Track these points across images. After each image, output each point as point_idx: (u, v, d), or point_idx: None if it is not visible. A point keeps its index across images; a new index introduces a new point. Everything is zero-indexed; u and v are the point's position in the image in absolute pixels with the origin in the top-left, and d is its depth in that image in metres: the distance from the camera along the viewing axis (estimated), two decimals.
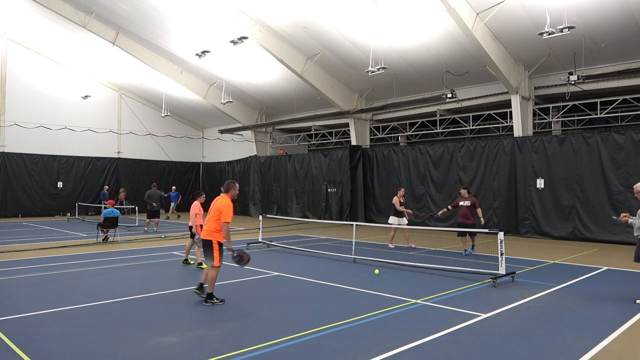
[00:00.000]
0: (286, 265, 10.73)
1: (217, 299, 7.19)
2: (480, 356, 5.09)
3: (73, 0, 19.59)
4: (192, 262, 10.85)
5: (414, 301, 7.39)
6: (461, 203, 12.61)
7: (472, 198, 12.85)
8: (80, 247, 13.61)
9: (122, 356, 5.04)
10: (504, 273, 8.74)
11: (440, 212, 13.87)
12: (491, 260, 10.58)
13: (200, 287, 7.61)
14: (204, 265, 9.35)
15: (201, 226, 9.66)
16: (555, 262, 11.45)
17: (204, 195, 10.92)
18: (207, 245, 7.35)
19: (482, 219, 12.55)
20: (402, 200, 13.76)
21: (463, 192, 12.82)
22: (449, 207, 13.44)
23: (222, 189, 7.65)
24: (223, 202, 7.28)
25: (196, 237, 10.00)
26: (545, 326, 6.15)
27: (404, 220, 13.73)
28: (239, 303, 7.32)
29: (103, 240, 14.82)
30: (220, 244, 7.28)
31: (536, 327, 6.13)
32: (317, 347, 5.36)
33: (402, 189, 14.17)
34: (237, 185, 7.64)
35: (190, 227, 10.65)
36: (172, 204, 25.56)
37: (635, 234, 7.46)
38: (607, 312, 6.87)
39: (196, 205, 10.59)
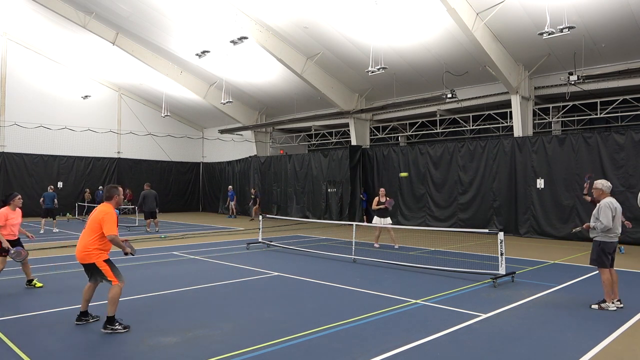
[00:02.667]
0: (286, 265, 10.73)
1: (119, 324, 5.85)
2: (480, 356, 5.09)
3: (73, 0, 19.59)
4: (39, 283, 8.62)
5: (414, 301, 7.39)
6: None
7: None
8: None
9: (122, 356, 5.04)
10: (504, 273, 8.74)
11: None
12: (491, 260, 10.59)
13: (83, 314, 6.28)
14: (38, 284, 8.26)
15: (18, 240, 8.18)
16: (555, 262, 11.45)
17: (19, 197, 8.45)
18: (90, 268, 6.09)
19: None
20: (382, 200, 13.88)
21: None
22: None
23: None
24: (103, 211, 6.03)
25: (11, 251, 8.01)
26: (545, 326, 6.14)
27: (388, 220, 13.93)
28: (239, 303, 7.31)
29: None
30: (106, 260, 6.07)
31: (536, 327, 6.13)
32: (317, 347, 5.36)
33: (382, 189, 14.33)
34: (120, 190, 6.40)
35: None
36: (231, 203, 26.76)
37: (591, 235, 7.22)
38: (607, 312, 6.86)
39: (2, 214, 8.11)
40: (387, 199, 13.99)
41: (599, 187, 7.27)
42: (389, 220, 13.98)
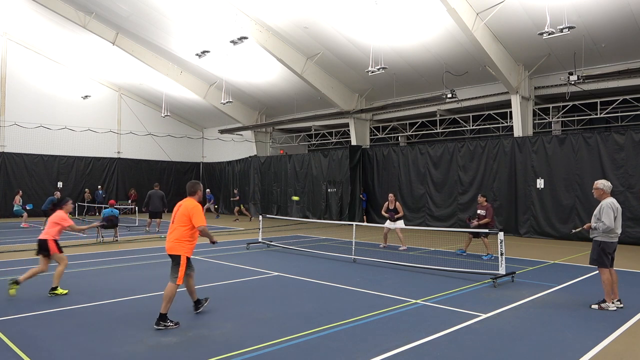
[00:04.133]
0: (286, 265, 10.73)
1: (171, 321, 6.06)
2: (480, 356, 5.09)
3: (73, 0, 19.58)
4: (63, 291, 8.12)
5: (414, 301, 7.39)
6: (479, 212, 12.15)
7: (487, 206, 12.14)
8: (80, 247, 13.61)
9: (122, 356, 5.04)
10: (504, 273, 8.74)
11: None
12: (491, 260, 10.59)
13: (197, 302, 6.78)
14: (61, 291, 7.82)
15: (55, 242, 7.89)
16: (555, 262, 11.45)
17: (71, 202, 8.60)
18: (175, 259, 6.36)
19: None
20: (390, 207, 13.73)
21: (481, 200, 12.26)
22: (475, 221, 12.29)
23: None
24: (189, 206, 6.35)
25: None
26: (545, 326, 6.14)
27: (400, 223, 13.67)
28: (239, 303, 7.31)
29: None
30: (188, 259, 6.37)
31: (536, 327, 6.13)
32: (317, 347, 5.36)
33: (391, 196, 14.15)
34: (201, 185, 6.77)
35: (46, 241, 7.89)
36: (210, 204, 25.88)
37: (591, 235, 7.19)
38: (607, 312, 6.86)
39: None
40: (397, 204, 13.81)
41: (599, 187, 7.24)
42: (400, 223, 13.68)
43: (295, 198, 20.31)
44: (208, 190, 26.59)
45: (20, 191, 20.91)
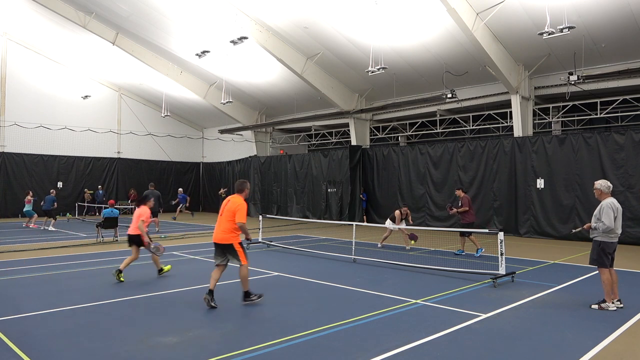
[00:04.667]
0: (286, 265, 10.72)
1: (255, 295, 7.21)
2: (480, 356, 5.09)
3: (73, 0, 19.59)
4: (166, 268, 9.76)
5: (414, 301, 7.39)
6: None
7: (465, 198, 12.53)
8: (80, 247, 13.61)
9: (122, 356, 5.04)
10: (504, 273, 8.74)
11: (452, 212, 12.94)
12: (491, 260, 10.59)
13: (211, 293, 7.08)
14: (166, 268, 9.63)
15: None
16: (555, 262, 11.45)
17: (152, 200, 10.07)
18: (227, 248, 7.13)
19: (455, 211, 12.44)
20: (403, 218, 13.61)
21: (459, 193, 12.64)
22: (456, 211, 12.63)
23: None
24: (236, 202, 7.13)
25: (152, 245, 9.20)
26: (545, 326, 6.14)
27: (403, 224, 13.62)
28: (239, 303, 7.30)
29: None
30: (240, 244, 7.19)
31: (536, 327, 6.12)
32: (317, 347, 5.36)
33: (407, 209, 13.86)
34: (248, 184, 7.52)
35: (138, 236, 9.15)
36: (181, 205, 25.07)
37: (591, 235, 7.18)
38: (607, 312, 6.86)
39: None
40: (411, 223, 13.74)
41: (598, 187, 7.23)
42: (403, 224, 13.62)
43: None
44: (181, 189, 25.22)
45: (31, 192, 20.90)
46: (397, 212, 13.66)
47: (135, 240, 9.15)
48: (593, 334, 5.83)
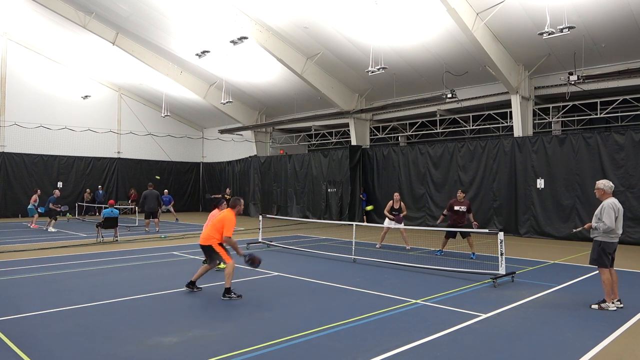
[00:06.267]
0: (286, 265, 10.72)
1: (235, 294, 7.48)
2: (480, 356, 5.09)
3: (73, 0, 19.58)
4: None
5: (414, 301, 7.39)
6: (456, 207, 12.15)
7: (467, 202, 12.45)
8: (80, 247, 13.61)
9: (122, 356, 5.04)
10: (504, 273, 8.74)
11: (439, 221, 13.42)
12: (491, 261, 10.59)
13: (192, 283, 8.00)
14: (222, 265, 9.25)
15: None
16: (555, 262, 11.45)
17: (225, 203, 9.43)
18: (207, 249, 7.76)
19: (474, 223, 12.20)
20: (395, 207, 13.60)
21: (460, 195, 12.34)
22: (444, 213, 12.74)
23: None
24: (227, 217, 7.64)
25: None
26: (545, 326, 6.14)
27: (401, 225, 13.61)
28: (239, 303, 7.31)
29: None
30: (220, 244, 7.70)
31: (536, 327, 6.13)
32: (317, 347, 5.36)
33: (397, 195, 14.00)
34: (242, 201, 8.12)
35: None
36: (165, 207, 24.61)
37: (591, 235, 7.17)
38: (607, 312, 6.86)
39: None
40: (402, 204, 13.73)
41: (601, 187, 7.22)
42: (402, 225, 13.61)
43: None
44: (166, 191, 24.67)
45: (39, 190, 20.87)
46: (388, 204, 13.78)
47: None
48: (593, 334, 5.83)
